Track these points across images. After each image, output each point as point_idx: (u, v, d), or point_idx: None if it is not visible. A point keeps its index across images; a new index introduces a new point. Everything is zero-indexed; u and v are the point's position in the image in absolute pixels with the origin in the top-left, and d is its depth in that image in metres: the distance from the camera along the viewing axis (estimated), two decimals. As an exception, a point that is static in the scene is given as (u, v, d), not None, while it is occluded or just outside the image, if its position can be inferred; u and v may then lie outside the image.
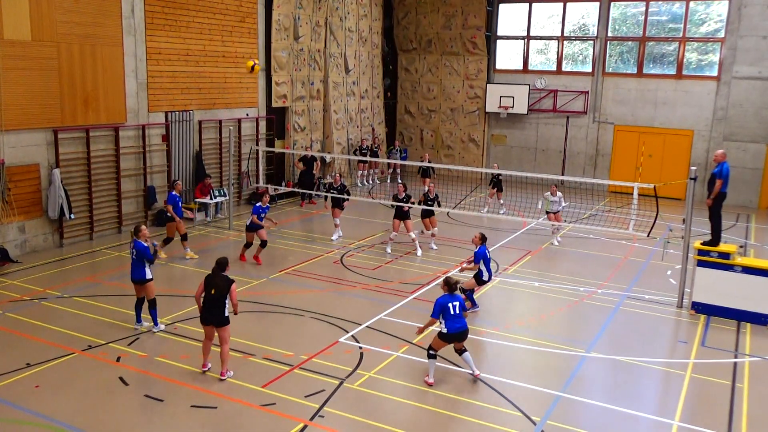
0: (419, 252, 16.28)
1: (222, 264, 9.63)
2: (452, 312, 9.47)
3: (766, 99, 23.23)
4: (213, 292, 9.38)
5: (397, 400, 9.17)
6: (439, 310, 9.49)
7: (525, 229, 19.11)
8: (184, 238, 15.58)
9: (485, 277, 12.43)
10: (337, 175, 18.31)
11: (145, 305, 11.27)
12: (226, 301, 9.45)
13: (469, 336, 9.80)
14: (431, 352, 9.65)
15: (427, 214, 16.91)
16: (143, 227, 11.19)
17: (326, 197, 18.38)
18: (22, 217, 15.09)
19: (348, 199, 17.71)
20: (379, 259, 15.78)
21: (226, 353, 9.49)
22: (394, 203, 16.73)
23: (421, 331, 10.17)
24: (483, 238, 12.40)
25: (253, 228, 15.32)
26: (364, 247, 16.91)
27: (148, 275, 11.06)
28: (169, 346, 10.60)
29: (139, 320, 11.29)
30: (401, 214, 16.34)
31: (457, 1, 27.17)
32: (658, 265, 15.81)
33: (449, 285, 9.66)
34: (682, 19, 24.51)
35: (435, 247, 16.73)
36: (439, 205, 17.12)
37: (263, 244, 15.28)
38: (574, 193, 24.99)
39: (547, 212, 17.71)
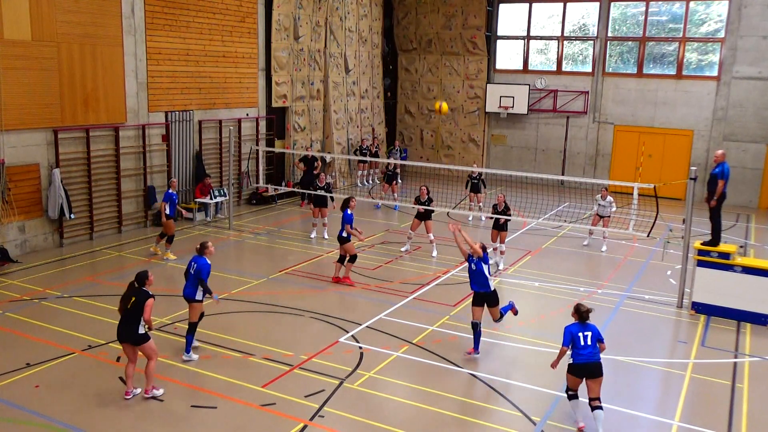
0: (435, 253, 16.23)
1: (141, 278, 8.87)
2: (582, 343, 8.51)
3: (766, 99, 23.24)
4: (129, 306, 8.73)
5: (397, 400, 9.17)
6: (569, 339, 8.58)
7: (525, 229, 19.10)
8: (169, 240, 15.31)
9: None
10: (323, 175, 18.39)
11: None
12: (141, 320, 8.73)
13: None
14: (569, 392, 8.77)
15: (498, 227, 15.53)
16: (210, 245, 10.24)
17: (305, 194, 18.15)
18: (22, 217, 15.09)
19: (332, 199, 17.47)
20: (379, 259, 15.78)
21: (152, 369, 8.90)
22: (416, 205, 16.35)
23: (554, 365, 8.90)
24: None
25: (345, 240, 13.81)
26: (364, 247, 16.89)
27: (198, 296, 10.03)
28: (169, 346, 10.60)
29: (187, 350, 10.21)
30: (423, 215, 16.25)
31: (457, 1, 27.18)
32: (658, 265, 15.81)
33: (580, 313, 8.59)
34: (682, 19, 24.51)
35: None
36: (508, 216, 15.52)
37: (353, 259, 13.88)
38: (574, 193, 25.01)
39: (599, 216, 17.25)
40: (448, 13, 27.63)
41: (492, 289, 10.60)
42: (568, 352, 8.51)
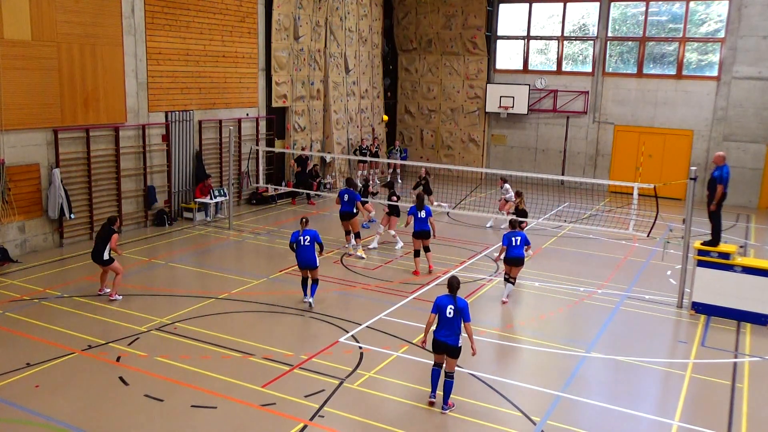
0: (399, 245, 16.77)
1: (111, 220, 12.50)
2: (514, 243, 12.79)
3: (766, 99, 23.24)
4: (96, 239, 12.49)
5: (397, 400, 9.17)
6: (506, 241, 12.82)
7: (525, 229, 19.06)
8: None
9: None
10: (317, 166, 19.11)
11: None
12: (106, 247, 12.25)
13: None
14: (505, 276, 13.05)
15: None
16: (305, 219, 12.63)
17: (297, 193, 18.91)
18: (22, 216, 15.09)
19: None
20: (379, 259, 15.78)
21: (118, 281, 12.47)
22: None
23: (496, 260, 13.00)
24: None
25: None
26: (364, 247, 16.88)
27: (318, 261, 12.48)
28: (169, 346, 10.60)
29: (306, 294, 12.54)
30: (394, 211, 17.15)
31: (457, 1, 27.18)
32: (658, 265, 15.81)
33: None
34: (682, 19, 24.52)
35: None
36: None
37: (426, 248, 14.87)
38: (574, 193, 25.02)
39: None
40: (448, 13, 27.63)
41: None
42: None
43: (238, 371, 9.76)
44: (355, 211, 15.82)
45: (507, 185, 18.99)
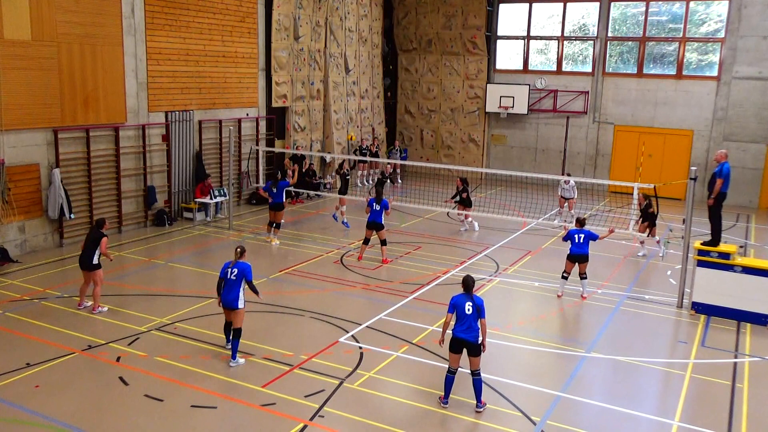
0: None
1: (99, 223, 11.92)
2: (577, 240, 13.37)
3: (766, 99, 23.24)
4: (87, 242, 11.81)
5: (397, 400, 9.17)
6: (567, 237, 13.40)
7: (525, 229, 19.09)
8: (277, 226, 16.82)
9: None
10: (289, 171, 19.17)
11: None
12: (96, 251, 11.64)
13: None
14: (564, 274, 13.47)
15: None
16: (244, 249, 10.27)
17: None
18: (22, 216, 15.09)
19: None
20: (379, 259, 15.77)
21: (97, 293, 11.78)
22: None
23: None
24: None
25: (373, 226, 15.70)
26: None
27: (241, 304, 10.01)
28: (169, 346, 10.60)
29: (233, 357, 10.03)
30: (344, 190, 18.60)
31: (457, 1, 27.18)
32: (658, 265, 15.80)
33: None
34: (682, 19, 24.51)
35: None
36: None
37: (383, 242, 15.69)
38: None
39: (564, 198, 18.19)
40: (448, 13, 27.63)
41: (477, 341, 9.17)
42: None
43: (238, 371, 9.75)
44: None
45: (573, 182, 18.52)
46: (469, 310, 8.78)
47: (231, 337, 10.03)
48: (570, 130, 26.80)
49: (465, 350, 8.86)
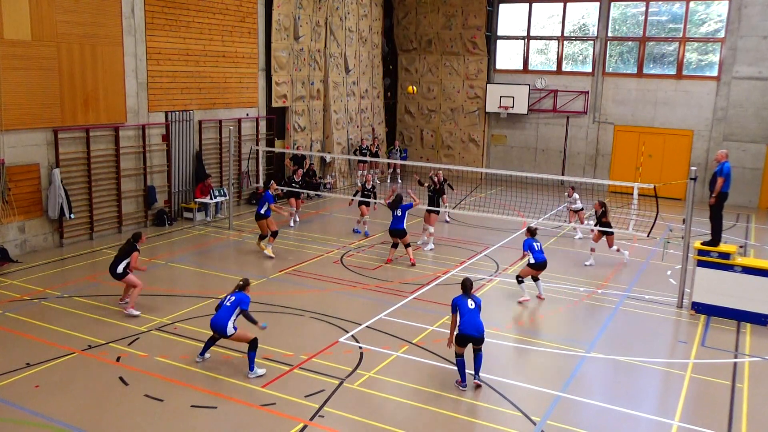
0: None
1: (135, 236, 11.94)
2: (537, 249, 13.25)
3: (766, 99, 23.24)
4: (119, 253, 11.87)
5: (397, 400, 9.17)
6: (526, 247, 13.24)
7: (525, 229, 19.06)
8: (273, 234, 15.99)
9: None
10: (300, 171, 19.25)
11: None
12: (123, 262, 11.65)
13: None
14: (518, 278, 13.24)
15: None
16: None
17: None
18: (22, 216, 15.09)
19: (309, 196, 18.81)
20: (379, 259, 15.78)
21: (135, 294, 11.79)
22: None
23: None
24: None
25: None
26: (364, 247, 16.91)
27: (230, 330, 9.66)
28: (169, 346, 10.60)
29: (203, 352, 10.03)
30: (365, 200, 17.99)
31: (457, 1, 27.18)
32: (658, 265, 15.80)
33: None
34: (682, 19, 24.51)
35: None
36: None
37: (407, 245, 15.55)
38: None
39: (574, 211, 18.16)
40: (448, 13, 27.63)
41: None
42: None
43: (238, 371, 9.75)
44: (262, 211, 15.65)
45: (576, 194, 18.13)
46: (471, 305, 9.45)
47: (247, 350, 9.67)
48: (570, 130, 26.80)
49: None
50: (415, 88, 17.44)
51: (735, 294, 12.41)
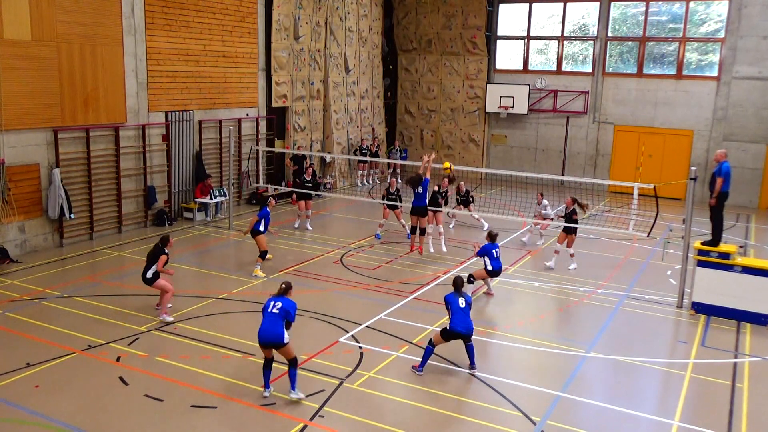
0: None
1: (164, 240, 11.72)
2: (495, 255, 12.84)
3: (766, 99, 23.23)
4: (147, 256, 11.72)
5: (397, 400, 9.17)
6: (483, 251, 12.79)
7: (525, 229, 19.08)
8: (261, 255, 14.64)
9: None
10: (309, 169, 18.93)
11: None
12: (152, 267, 11.48)
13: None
14: (470, 278, 12.78)
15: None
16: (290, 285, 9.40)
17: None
18: (22, 216, 15.09)
19: (318, 195, 18.63)
20: (379, 259, 15.78)
21: (165, 300, 11.65)
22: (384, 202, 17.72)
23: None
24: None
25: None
26: (364, 247, 16.91)
27: (287, 338, 8.94)
28: (169, 346, 10.60)
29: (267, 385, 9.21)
30: (390, 205, 17.73)
31: (457, 1, 27.18)
32: (658, 265, 15.80)
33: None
34: (682, 19, 24.51)
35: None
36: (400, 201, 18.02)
37: (423, 231, 15.79)
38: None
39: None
40: (448, 13, 27.63)
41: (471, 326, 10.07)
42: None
43: (238, 371, 9.76)
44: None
45: (545, 201, 17.61)
46: (462, 303, 9.81)
47: (288, 368, 9.04)
48: (570, 130, 26.80)
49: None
50: (452, 165, 16.90)
51: (735, 294, 12.41)
